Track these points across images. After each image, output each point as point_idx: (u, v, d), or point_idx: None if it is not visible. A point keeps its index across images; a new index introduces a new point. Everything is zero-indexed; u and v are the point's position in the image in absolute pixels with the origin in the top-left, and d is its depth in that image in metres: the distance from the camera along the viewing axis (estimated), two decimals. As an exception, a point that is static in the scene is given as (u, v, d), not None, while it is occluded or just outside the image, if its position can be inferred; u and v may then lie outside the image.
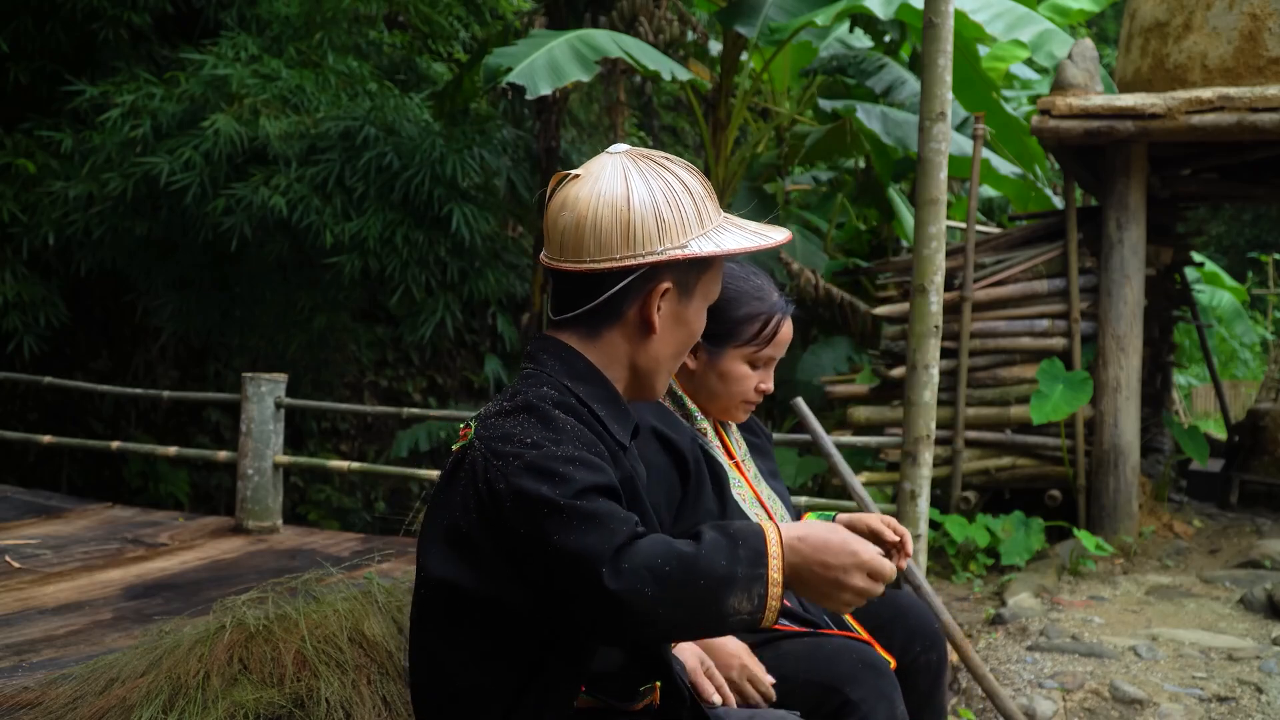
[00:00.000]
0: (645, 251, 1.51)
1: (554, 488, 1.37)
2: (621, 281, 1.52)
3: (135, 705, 2.14)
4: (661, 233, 1.51)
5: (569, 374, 1.54)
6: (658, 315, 1.55)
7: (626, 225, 1.50)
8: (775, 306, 2.11)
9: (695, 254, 1.51)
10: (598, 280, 1.52)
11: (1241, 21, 5.83)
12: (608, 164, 1.54)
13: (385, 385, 9.25)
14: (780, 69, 8.96)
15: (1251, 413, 8.29)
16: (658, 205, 1.51)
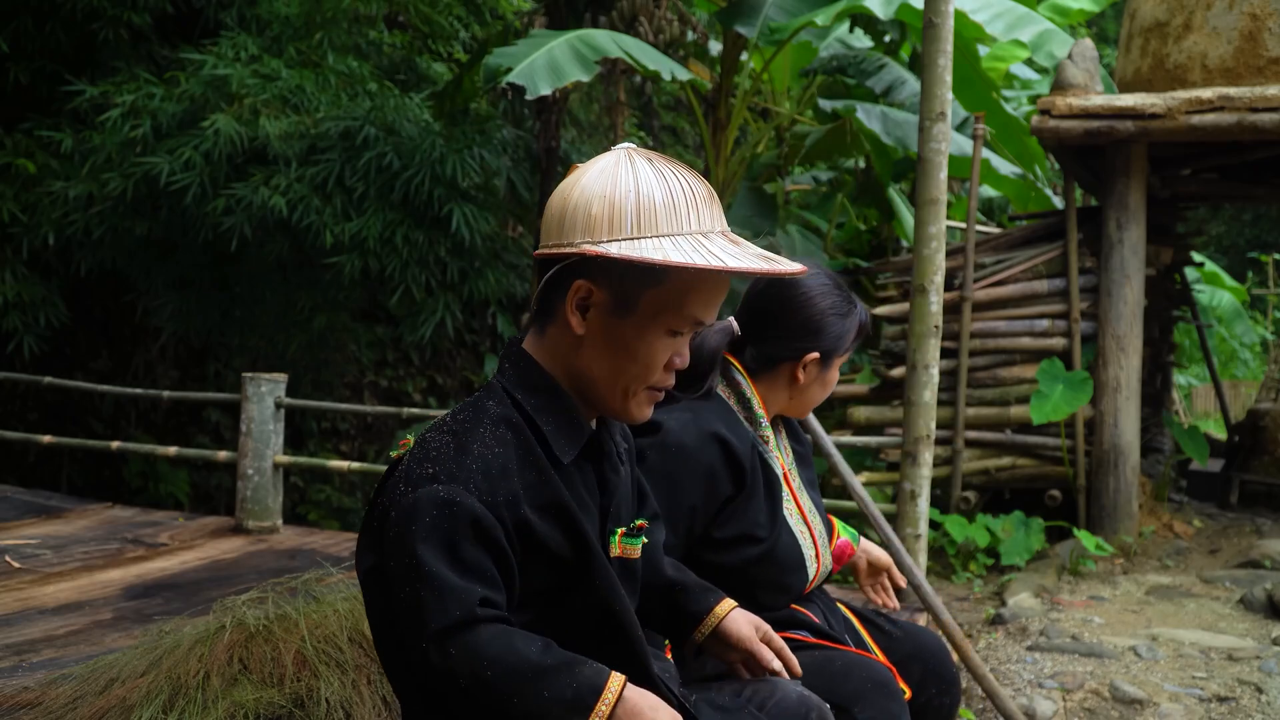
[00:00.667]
0: (565, 242, 1.40)
1: (421, 532, 1.34)
2: (547, 272, 1.43)
3: (135, 705, 2.14)
4: (586, 226, 1.38)
5: (522, 384, 1.48)
6: (577, 318, 1.43)
7: (561, 213, 1.41)
8: (862, 313, 2.14)
9: (605, 254, 1.35)
10: (539, 270, 1.45)
11: (1241, 21, 5.83)
12: (603, 156, 1.46)
13: (385, 385, 9.25)
14: (780, 69, 8.96)
15: (1251, 413, 8.29)
16: (593, 197, 1.39)
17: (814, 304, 2.08)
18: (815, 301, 2.08)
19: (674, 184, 1.40)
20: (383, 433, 9.10)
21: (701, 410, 2.02)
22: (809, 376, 2.10)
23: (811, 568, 2.10)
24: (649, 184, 1.38)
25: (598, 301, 1.42)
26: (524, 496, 1.40)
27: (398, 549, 1.35)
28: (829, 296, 2.09)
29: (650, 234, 1.36)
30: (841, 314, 2.09)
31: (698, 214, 1.40)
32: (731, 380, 2.11)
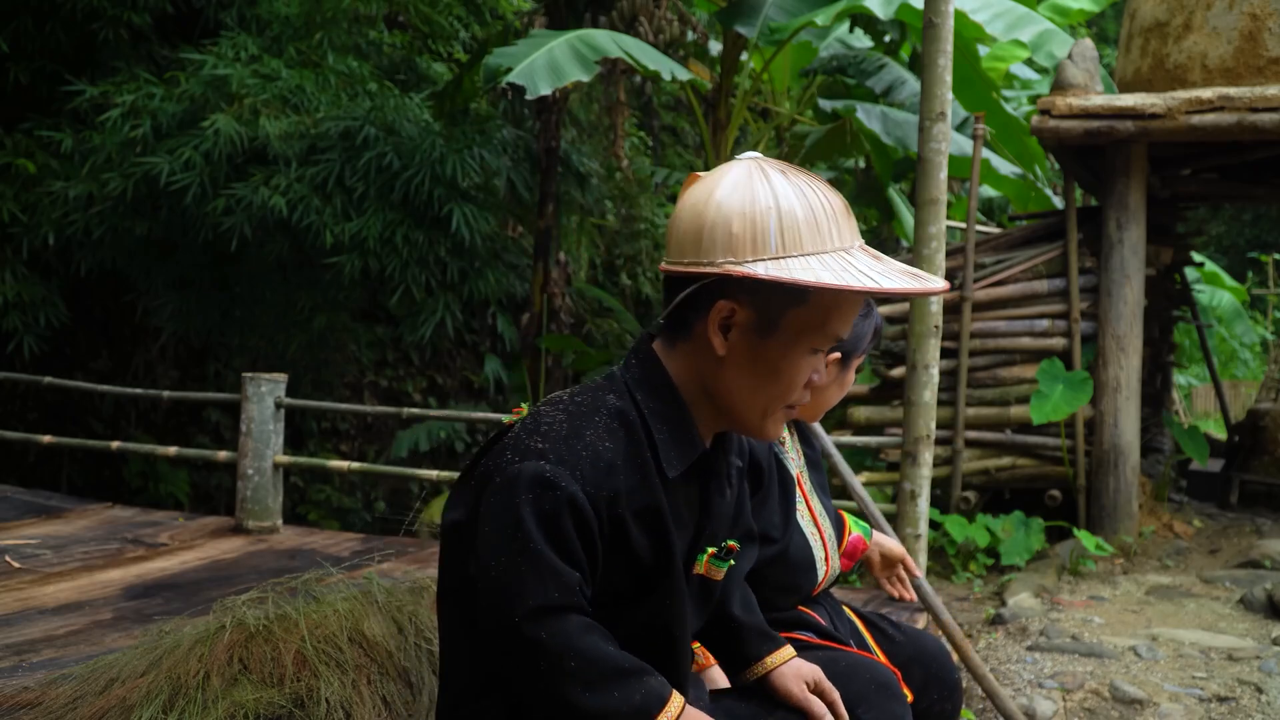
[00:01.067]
0: (705, 261, 1.35)
1: (526, 505, 1.32)
2: (684, 290, 1.39)
3: (135, 705, 2.14)
4: (726, 245, 1.34)
5: (644, 384, 1.44)
6: (719, 339, 1.39)
7: (698, 230, 1.36)
8: (878, 316, 2.14)
9: (751, 275, 1.32)
10: (670, 285, 1.42)
11: (1241, 21, 5.83)
12: (731, 167, 1.40)
13: (385, 385, 9.26)
14: (780, 69, 8.96)
15: (1251, 413, 8.30)
16: (732, 214, 1.34)
17: None
18: None
19: (814, 199, 1.36)
20: (383, 433, 9.11)
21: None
22: (828, 376, 2.10)
23: (821, 570, 2.12)
24: (789, 200, 1.35)
25: (740, 321, 1.38)
26: (624, 497, 1.37)
27: (500, 515, 1.34)
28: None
29: (795, 253, 1.33)
30: (862, 315, 2.09)
31: (838, 229, 1.37)
32: None
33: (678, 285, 1.40)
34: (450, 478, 5.27)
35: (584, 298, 9.80)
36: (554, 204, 7.99)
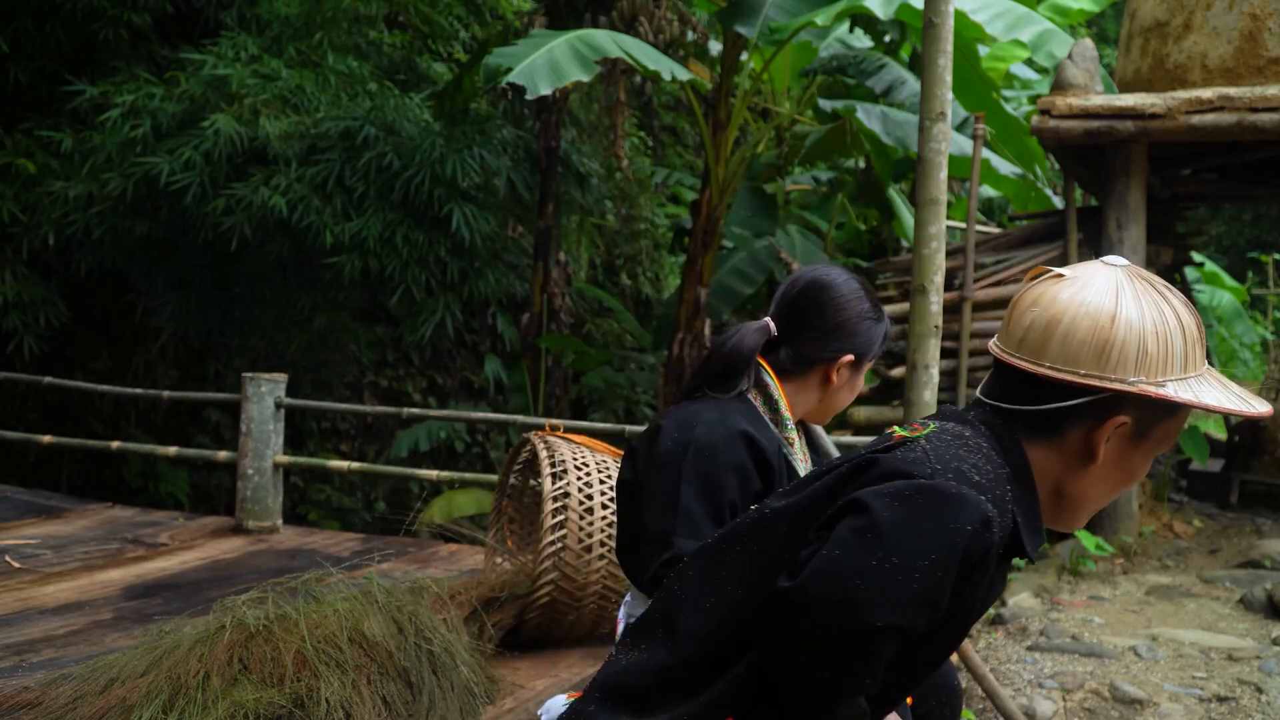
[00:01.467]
0: (1115, 377, 1.35)
1: (963, 536, 1.26)
2: (1075, 399, 1.38)
3: (135, 705, 2.14)
4: (1140, 363, 1.35)
5: (1013, 474, 1.40)
6: (1104, 448, 1.39)
7: (1104, 343, 1.35)
8: (888, 320, 2.17)
9: (1170, 398, 1.35)
10: (1050, 389, 1.39)
11: (1241, 21, 5.83)
12: (1100, 273, 1.40)
13: (385, 385, 9.25)
14: (780, 69, 8.96)
15: (1251, 413, 8.28)
16: (1145, 333, 1.36)
17: (852, 306, 2.11)
18: (853, 304, 2.11)
19: (1190, 320, 1.40)
20: (382, 433, 9.10)
21: (729, 411, 2.03)
22: (841, 379, 2.12)
23: None
24: (1186, 320, 1.39)
25: (1121, 433, 1.40)
26: (991, 564, 1.34)
27: (930, 522, 1.26)
28: (864, 301, 2.13)
29: (1192, 373, 1.37)
30: (875, 319, 2.13)
31: (1203, 350, 1.42)
32: (760, 382, 2.11)
33: (1053, 390, 1.39)
34: (450, 478, 5.27)
35: (584, 298, 9.80)
36: (554, 204, 7.99)
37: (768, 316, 2.12)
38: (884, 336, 2.16)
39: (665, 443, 1.98)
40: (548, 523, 2.97)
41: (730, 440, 1.96)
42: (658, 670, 1.42)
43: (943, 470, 1.31)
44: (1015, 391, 1.42)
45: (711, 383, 2.08)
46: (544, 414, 8.00)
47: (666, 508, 1.93)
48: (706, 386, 2.08)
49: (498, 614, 2.97)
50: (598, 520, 3.02)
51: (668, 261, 11.69)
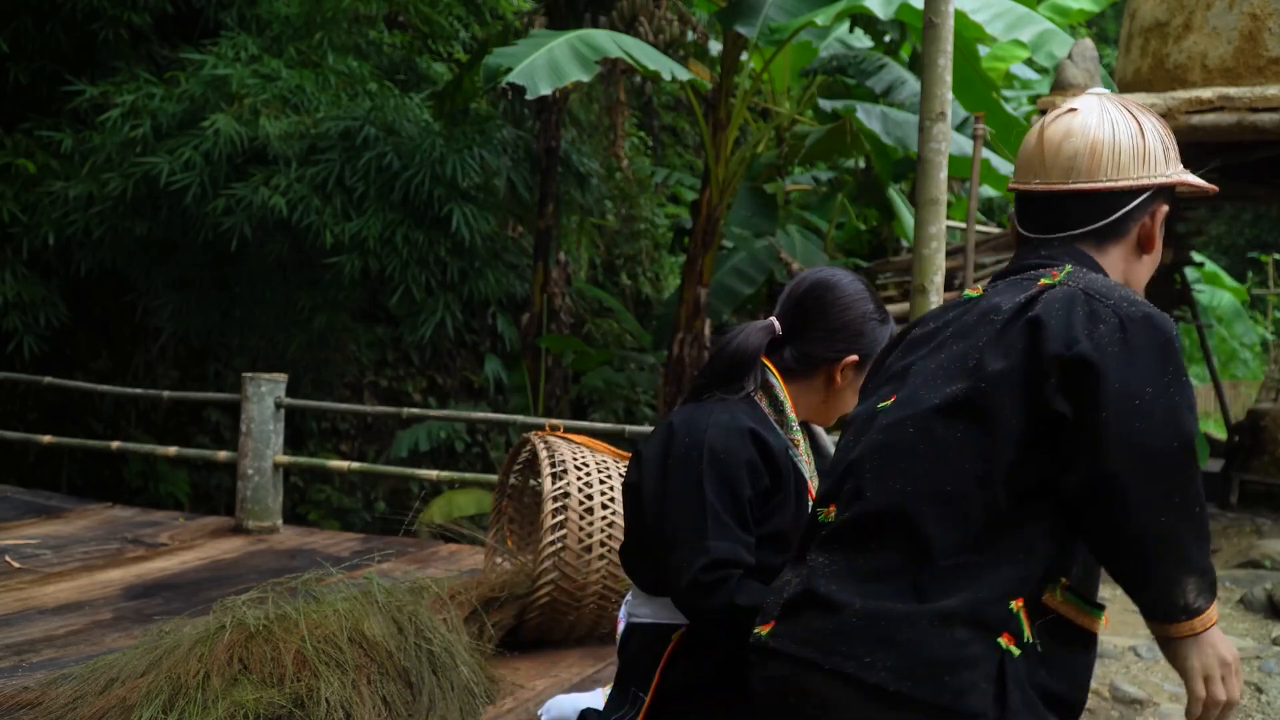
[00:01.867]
0: (1158, 174, 1.64)
1: (1175, 351, 1.43)
2: (1135, 200, 1.64)
3: (135, 705, 2.14)
4: (1167, 158, 1.67)
5: (1103, 284, 1.55)
6: (1158, 236, 1.68)
7: (1144, 151, 1.64)
8: (892, 321, 2.15)
9: (1189, 181, 1.67)
10: (1110, 199, 1.63)
11: (1241, 21, 5.83)
12: (1099, 102, 1.68)
13: (385, 385, 9.25)
14: (780, 69, 8.97)
15: (1251, 413, 8.30)
16: (1160, 136, 1.67)
17: (858, 306, 2.10)
18: (859, 304, 2.11)
19: (1162, 123, 1.71)
20: (382, 433, 9.10)
21: (736, 411, 2.03)
22: (845, 380, 2.11)
23: None
24: (1163, 124, 1.71)
25: (1162, 216, 1.68)
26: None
27: (1154, 350, 1.42)
28: (870, 301, 2.12)
29: (1176, 164, 1.69)
30: (880, 320, 2.12)
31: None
32: (765, 383, 2.10)
33: (1115, 198, 1.63)
34: (450, 477, 5.27)
35: (584, 298, 9.81)
36: (554, 204, 7.99)
37: (773, 316, 2.11)
38: (889, 338, 2.14)
39: (678, 448, 1.98)
40: (548, 523, 2.97)
41: (740, 438, 1.97)
42: (918, 566, 1.44)
43: (1122, 296, 1.48)
44: (1078, 214, 1.64)
45: (717, 383, 2.08)
46: (544, 414, 8.01)
47: (694, 513, 1.93)
48: (713, 387, 2.09)
49: (498, 614, 2.97)
50: (598, 520, 3.02)
51: (668, 261, 11.70)
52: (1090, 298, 1.46)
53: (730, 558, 1.89)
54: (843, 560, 1.50)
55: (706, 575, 1.87)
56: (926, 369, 1.56)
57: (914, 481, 1.47)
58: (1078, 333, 1.41)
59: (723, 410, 2.02)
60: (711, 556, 1.88)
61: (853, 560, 1.50)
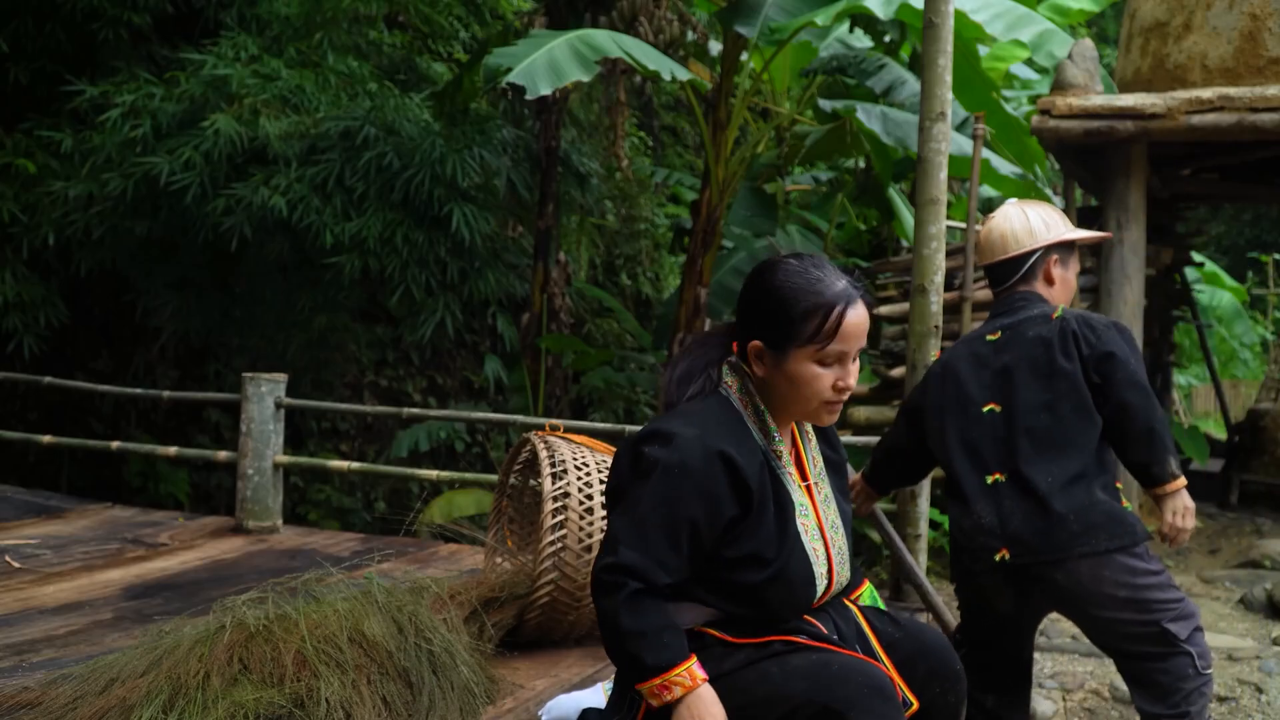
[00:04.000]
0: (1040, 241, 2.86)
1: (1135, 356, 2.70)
2: (1030, 259, 2.87)
3: (135, 705, 2.14)
4: (1047, 228, 2.88)
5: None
6: (1055, 272, 2.87)
7: (1028, 228, 2.88)
8: (836, 297, 1.97)
9: (1067, 238, 2.87)
10: (1016, 262, 2.89)
11: (1241, 21, 5.83)
12: (1009, 208, 2.93)
13: (385, 385, 9.25)
14: (780, 69, 8.97)
15: (1251, 413, 8.30)
16: (1041, 217, 2.91)
17: (776, 291, 2.02)
18: (779, 288, 2.03)
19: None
20: (383, 433, 9.10)
21: (711, 426, 1.99)
22: (765, 368, 2.06)
23: (821, 585, 2.08)
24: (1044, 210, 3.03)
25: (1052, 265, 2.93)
26: None
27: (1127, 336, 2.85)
28: (787, 282, 2.03)
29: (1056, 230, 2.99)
30: (793, 299, 2.01)
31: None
32: (747, 390, 2.08)
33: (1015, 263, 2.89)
34: (450, 477, 5.27)
35: (584, 298, 9.80)
36: (554, 204, 7.99)
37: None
38: (818, 315, 1.97)
39: (648, 454, 1.97)
40: (548, 523, 2.97)
41: (709, 461, 1.93)
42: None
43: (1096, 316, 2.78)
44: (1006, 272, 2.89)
45: (683, 392, 2.08)
46: (544, 414, 8.01)
47: (625, 515, 1.96)
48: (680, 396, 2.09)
49: (498, 614, 2.97)
50: (598, 520, 3.02)
51: (668, 261, 11.69)
52: (1084, 320, 2.73)
53: (632, 566, 1.89)
54: None
55: (605, 575, 1.91)
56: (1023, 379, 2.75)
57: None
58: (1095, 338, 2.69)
59: (695, 424, 1.99)
60: (616, 559, 1.91)
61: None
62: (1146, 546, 2.61)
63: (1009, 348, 2.75)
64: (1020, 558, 2.57)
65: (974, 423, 2.73)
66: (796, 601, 2.05)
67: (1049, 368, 2.67)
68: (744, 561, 1.98)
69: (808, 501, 2.09)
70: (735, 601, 2.02)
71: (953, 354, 2.88)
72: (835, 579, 2.11)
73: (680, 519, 1.92)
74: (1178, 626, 2.55)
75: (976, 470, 2.69)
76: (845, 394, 2.01)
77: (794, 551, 2.02)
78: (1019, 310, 2.80)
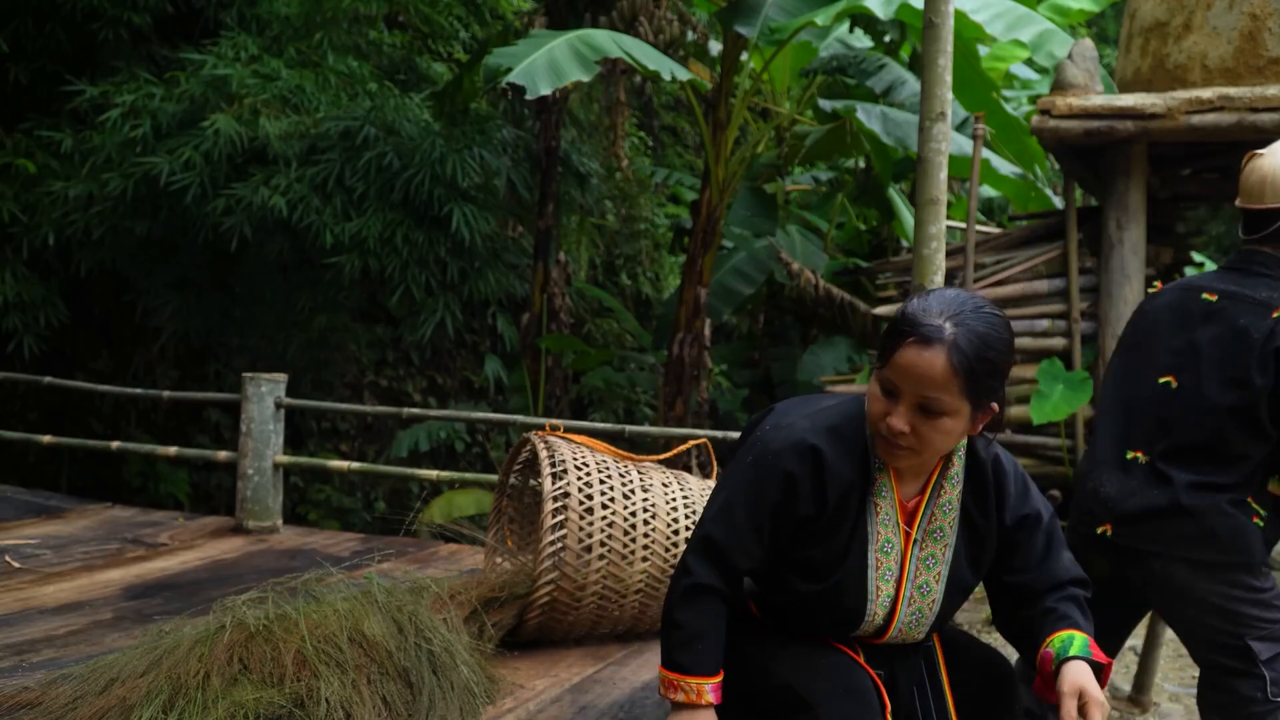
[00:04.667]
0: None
1: None
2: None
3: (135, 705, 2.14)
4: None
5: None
6: None
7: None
8: (913, 327, 1.85)
9: None
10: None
11: (1241, 21, 5.83)
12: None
13: (385, 385, 9.25)
14: (780, 69, 8.97)
15: (1251, 413, 8.29)
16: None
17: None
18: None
19: None
20: (383, 433, 9.10)
21: (826, 420, 1.95)
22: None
23: (871, 625, 1.97)
24: None
25: None
26: None
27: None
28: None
29: None
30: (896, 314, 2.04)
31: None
32: None
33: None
34: (450, 477, 5.27)
35: (584, 298, 9.80)
36: (554, 204, 7.99)
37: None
38: (891, 334, 1.97)
39: (757, 432, 1.99)
40: (548, 523, 2.97)
41: (797, 453, 1.89)
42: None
43: None
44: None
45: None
46: (544, 414, 8.01)
47: (722, 487, 1.98)
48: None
49: (498, 614, 2.97)
50: (598, 520, 3.02)
51: (668, 261, 11.70)
52: None
53: (716, 541, 1.92)
54: None
55: (689, 550, 1.96)
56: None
57: None
58: None
59: (822, 411, 1.97)
60: (704, 533, 1.94)
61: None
62: (1263, 568, 2.48)
63: (1213, 321, 2.49)
64: (1124, 539, 2.49)
65: (1143, 387, 2.55)
66: (837, 624, 1.98)
67: (1241, 373, 2.42)
68: (799, 566, 1.94)
69: (899, 545, 1.95)
70: (781, 605, 2.01)
71: (1162, 299, 2.65)
72: (899, 618, 1.97)
73: (765, 505, 1.90)
74: (1262, 646, 2.42)
75: (1120, 439, 2.56)
76: (893, 435, 1.84)
77: (852, 576, 1.92)
78: (1245, 277, 2.54)
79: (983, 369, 1.85)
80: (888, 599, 1.95)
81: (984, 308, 1.87)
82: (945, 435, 1.86)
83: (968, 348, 1.82)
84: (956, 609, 2.04)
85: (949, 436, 1.87)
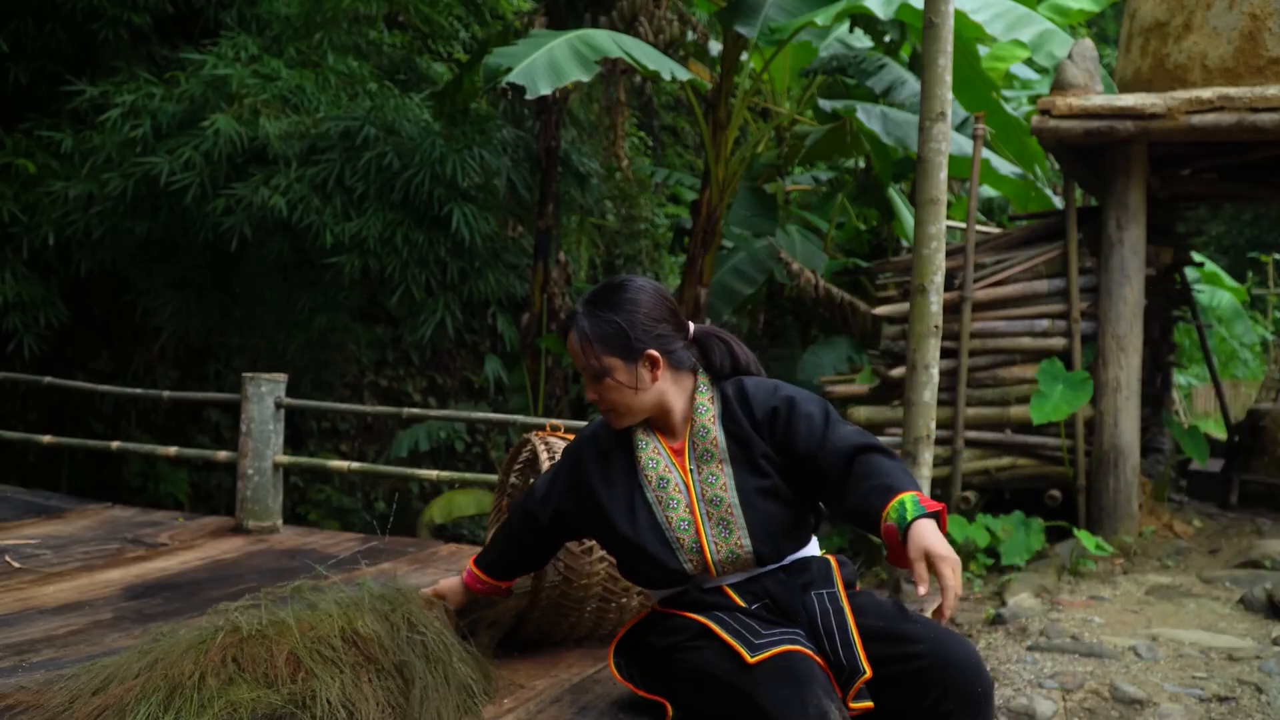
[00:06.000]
0: None
1: None
2: None
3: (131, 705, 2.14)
4: None
5: None
6: None
7: None
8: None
9: None
10: None
11: (1241, 21, 5.83)
12: None
13: (385, 385, 9.25)
14: (780, 69, 8.97)
15: (1251, 413, 8.29)
16: None
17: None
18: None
19: None
20: (383, 433, 9.10)
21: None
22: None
23: (685, 557, 2.20)
24: None
25: None
26: None
27: None
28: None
29: None
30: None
31: None
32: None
33: None
34: (450, 477, 5.26)
35: (584, 298, 9.79)
36: (554, 204, 7.99)
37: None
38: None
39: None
40: (547, 523, 2.97)
41: (583, 437, 2.41)
42: None
43: None
44: None
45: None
46: (544, 414, 8.01)
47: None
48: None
49: (498, 614, 2.97)
50: (597, 520, 3.02)
51: (668, 261, 11.70)
52: None
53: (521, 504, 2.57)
54: None
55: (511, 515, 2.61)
56: None
57: None
58: None
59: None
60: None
61: None
62: None
63: None
64: None
65: None
66: (650, 574, 2.26)
67: None
68: (606, 527, 2.30)
69: (678, 477, 2.24)
70: (630, 572, 2.35)
71: None
72: (712, 549, 2.19)
73: (563, 476, 2.46)
74: None
75: None
76: (599, 406, 2.27)
77: (642, 510, 2.24)
78: None
79: (605, 331, 2.20)
80: (685, 521, 2.21)
81: (612, 285, 2.25)
82: (619, 389, 2.21)
83: (585, 322, 2.22)
84: (773, 518, 2.19)
85: (624, 389, 2.22)
